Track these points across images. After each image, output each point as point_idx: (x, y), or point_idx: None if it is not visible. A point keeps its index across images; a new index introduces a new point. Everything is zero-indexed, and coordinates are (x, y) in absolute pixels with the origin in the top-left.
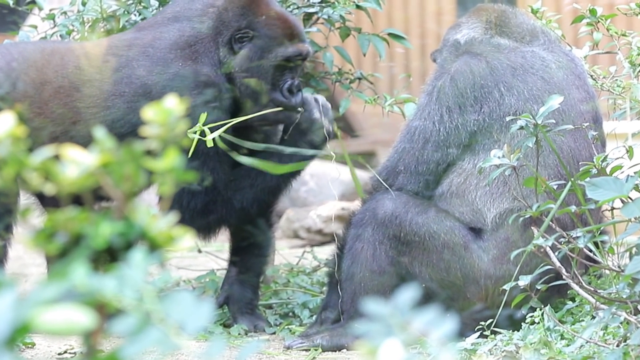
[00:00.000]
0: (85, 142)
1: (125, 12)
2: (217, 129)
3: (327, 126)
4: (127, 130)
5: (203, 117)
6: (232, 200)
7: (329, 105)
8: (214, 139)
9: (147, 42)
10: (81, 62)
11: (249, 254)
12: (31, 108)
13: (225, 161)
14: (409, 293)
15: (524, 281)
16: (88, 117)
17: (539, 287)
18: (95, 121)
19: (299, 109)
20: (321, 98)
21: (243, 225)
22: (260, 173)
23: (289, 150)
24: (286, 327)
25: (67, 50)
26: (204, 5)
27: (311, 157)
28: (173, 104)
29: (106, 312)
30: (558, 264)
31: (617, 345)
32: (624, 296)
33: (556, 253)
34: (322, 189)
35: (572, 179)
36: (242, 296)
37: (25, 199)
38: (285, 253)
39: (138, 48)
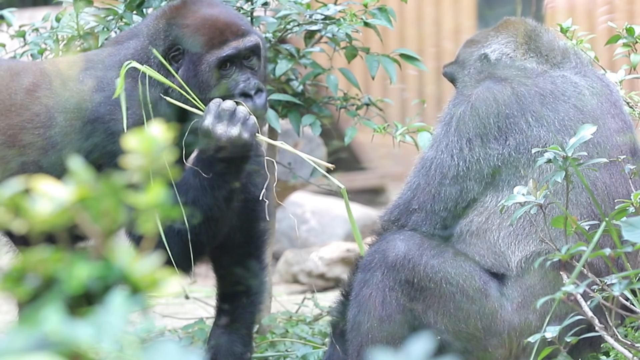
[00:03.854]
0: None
1: (105, 29)
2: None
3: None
4: (66, 151)
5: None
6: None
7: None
8: None
9: (101, 58)
10: (45, 79)
11: (239, 301)
12: None
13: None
14: (422, 343)
15: (551, 333)
16: (32, 139)
17: (568, 340)
18: (41, 142)
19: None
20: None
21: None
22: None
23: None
24: None
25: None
26: (147, 22)
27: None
28: (158, 132)
29: None
30: (590, 313)
31: None
32: None
33: (588, 302)
34: (325, 228)
35: (607, 219)
36: (231, 350)
37: None
38: (283, 300)
39: (92, 64)
